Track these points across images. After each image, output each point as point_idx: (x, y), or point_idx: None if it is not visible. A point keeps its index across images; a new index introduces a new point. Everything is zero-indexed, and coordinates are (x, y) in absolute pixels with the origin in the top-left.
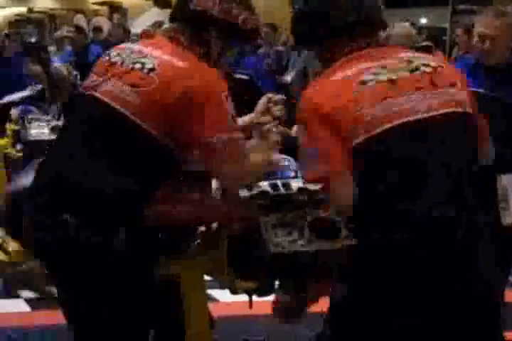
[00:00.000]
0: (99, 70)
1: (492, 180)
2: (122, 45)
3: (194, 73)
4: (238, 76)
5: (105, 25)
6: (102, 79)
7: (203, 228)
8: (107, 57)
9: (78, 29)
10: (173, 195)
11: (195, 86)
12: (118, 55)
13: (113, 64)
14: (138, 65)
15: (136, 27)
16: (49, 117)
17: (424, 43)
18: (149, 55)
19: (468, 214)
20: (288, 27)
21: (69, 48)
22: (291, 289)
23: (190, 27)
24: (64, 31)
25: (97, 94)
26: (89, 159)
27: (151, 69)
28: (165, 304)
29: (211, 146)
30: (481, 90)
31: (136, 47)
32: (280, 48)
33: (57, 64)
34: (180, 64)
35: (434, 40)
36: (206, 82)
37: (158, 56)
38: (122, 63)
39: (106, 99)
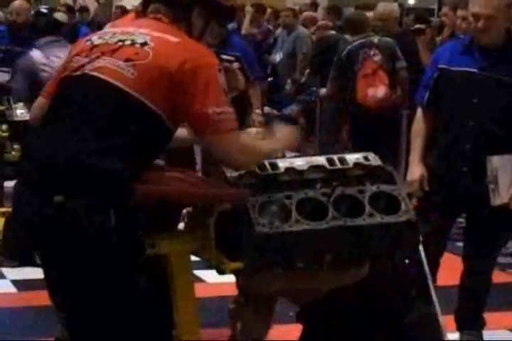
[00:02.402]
0: (82, 52)
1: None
2: (103, 30)
3: (189, 46)
4: (224, 57)
5: (91, 5)
6: (88, 59)
7: (190, 208)
8: (88, 42)
9: (69, 9)
10: (159, 174)
11: (193, 58)
12: (100, 38)
13: (97, 45)
14: (128, 42)
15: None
16: None
17: (417, 26)
18: (137, 32)
19: None
20: (272, 5)
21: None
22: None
23: (172, 6)
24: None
25: (88, 72)
26: (80, 138)
27: (144, 44)
28: (152, 283)
29: (206, 118)
30: (474, 70)
31: (117, 29)
32: (267, 26)
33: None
34: (173, 38)
35: (423, 22)
36: (202, 55)
37: (147, 33)
38: (107, 42)
39: (99, 75)
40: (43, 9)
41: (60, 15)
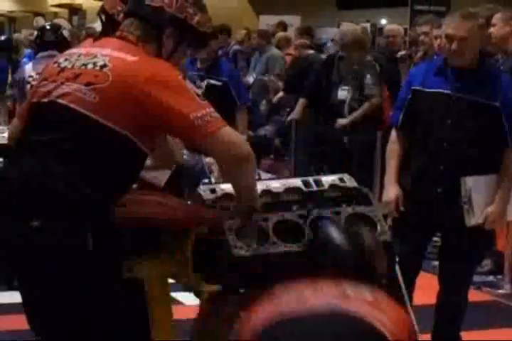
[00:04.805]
0: (50, 76)
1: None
2: (70, 51)
3: (146, 63)
4: (212, 81)
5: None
6: (54, 84)
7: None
8: (56, 64)
9: None
10: (137, 197)
11: (153, 74)
12: (67, 60)
13: (63, 69)
14: (90, 65)
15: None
16: None
17: (402, 53)
18: (99, 54)
19: None
20: (243, 26)
21: (27, 51)
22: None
23: (145, 23)
24: (26, 34)
25: (54, 99)
26: (55, 164)
27: (103, 66)
28: (131, 305)
29: (190, 126)
30: (448, 91)
31: (83, 50)
32: (238, 47)
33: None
34: (130, 57)
35: None
36: (161, 68)
37: (107, 54)
38: (73, 66)
39: (64, 102)
40: (48, 26)
41: (66, 33)
